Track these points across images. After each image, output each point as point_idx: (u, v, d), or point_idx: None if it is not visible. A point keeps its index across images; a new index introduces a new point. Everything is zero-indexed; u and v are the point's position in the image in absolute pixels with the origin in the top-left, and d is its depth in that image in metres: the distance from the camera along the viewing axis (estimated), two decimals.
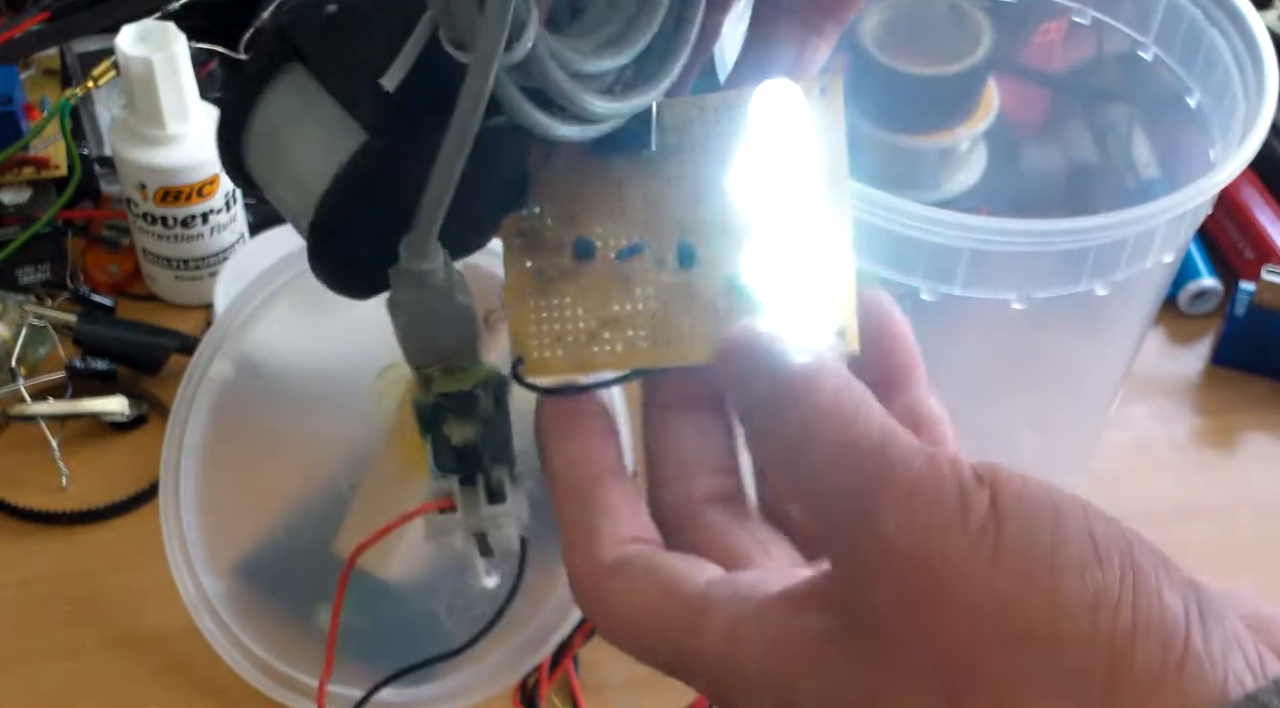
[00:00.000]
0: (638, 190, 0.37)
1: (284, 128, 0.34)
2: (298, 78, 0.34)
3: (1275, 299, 0.74)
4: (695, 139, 0.37)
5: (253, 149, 0.35)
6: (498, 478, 0.40)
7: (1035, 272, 0.54)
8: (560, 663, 0.61)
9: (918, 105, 0.68)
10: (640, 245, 0.37)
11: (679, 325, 0.37)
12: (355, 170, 0.33)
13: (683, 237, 0.37)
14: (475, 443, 0.39)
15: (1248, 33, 0.57)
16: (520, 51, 0.31)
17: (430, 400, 0.38)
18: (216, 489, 0.60)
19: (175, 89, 0.70)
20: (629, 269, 0.37)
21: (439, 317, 0.36)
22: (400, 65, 0.32)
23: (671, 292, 0.37)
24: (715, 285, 0.37)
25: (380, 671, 0.59)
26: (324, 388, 0.61)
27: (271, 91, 0.34)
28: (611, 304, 0.37)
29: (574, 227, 0.38)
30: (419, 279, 0.35)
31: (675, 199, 0.37)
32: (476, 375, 0.38)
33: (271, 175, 0.35)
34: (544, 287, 0.38)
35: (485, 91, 0.31)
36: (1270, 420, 0.75)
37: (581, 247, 0.37)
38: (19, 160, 0.77)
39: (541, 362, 0.38)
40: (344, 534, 0.60)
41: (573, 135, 0.34)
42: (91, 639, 0.65)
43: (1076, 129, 0.73)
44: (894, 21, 0.68)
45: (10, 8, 0.83)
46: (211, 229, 0.75)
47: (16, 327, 0.73)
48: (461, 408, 0.38)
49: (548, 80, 0.32)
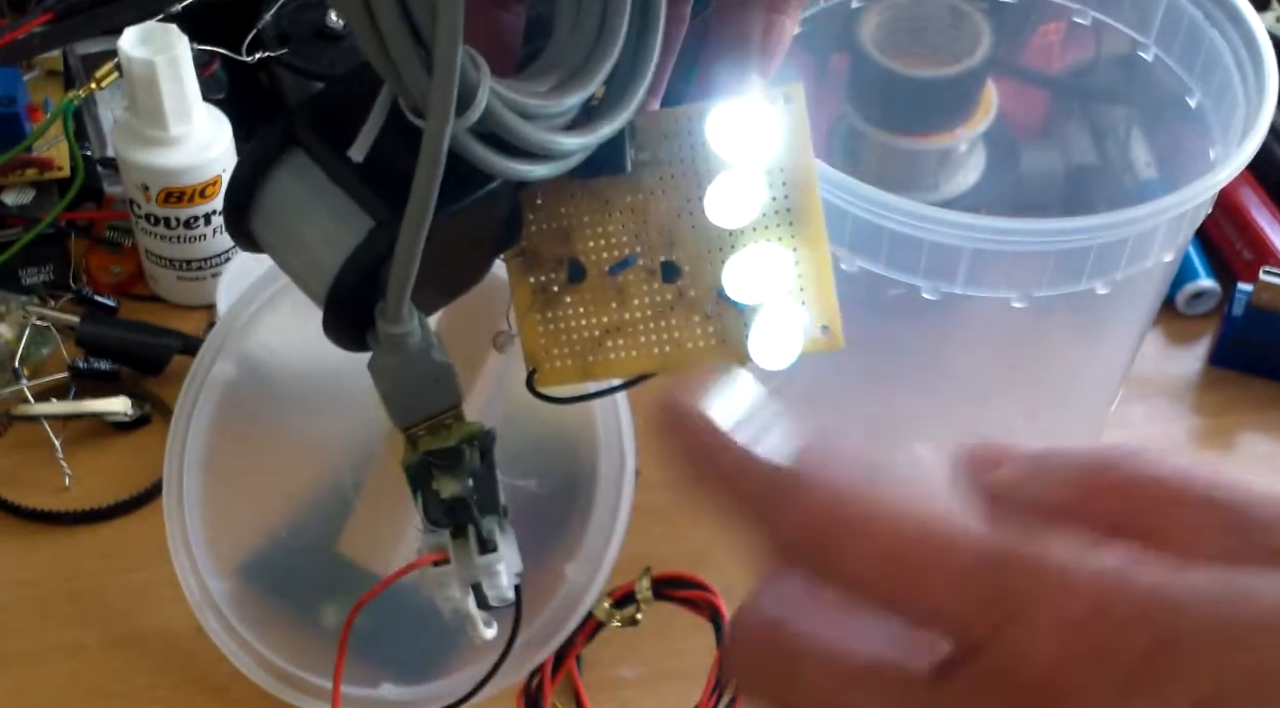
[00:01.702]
0: (622, 206, 0.39)
1: (292, 211, 0.36)
2: (299, 163, 0.36)
3: (1273, 300, 0.74)
4: (672, 152, 0.38)
5: (260, 224, 0.37)
6: (488, 528, 0.41)
7: (1036, 271, 0.54)
8: (564, 663, 0.61)
9: (917, 107, 0.68)
10: (630, 259, 0.39)
11: (675, 331, 0.38)
12: (364, 254, 0.35)
13: (665, 255, 0.39)
14: (464, 496, 0.40)
15: (1248, 33, 0.58)
16: (476, 111, 0.32)
17: (417, 459, 0.39)
18: (219, 489, 0.61)
19: (178, 91, 0.71)
20: (623, 281, 0.39)
21: (419, 377, 0.38)
22: (365, 138, 0.34)
23: (663, 300, 0.38)
24: (702, 292, 0.38)
25: (383, 669, 0.59)
26: (327, 387, 0.61)
27: (275, 178, 0.36)
28: (611, 314, 0.39)
29: (567, 244, 0.39)
30: (396, 343, 0.36)
31: (658, 212, 0.38)
32: (461, 432, 0.40)
33: (282, 248, 0.37)
34: (547, 300, 0.39)
35: (441, 154, 0.32)
36: (1268, 421, 0.76)
37: (573, 268, 0.39)
38: (22, 161, 0.77)
39: (553, 371, 0.39)
40: (348, 533, 0.60)
41: (550, 173, 0.36)
42: (94, 639, 0.65)
43: (1075, 130, 0.74)
44: (893, 23, 0.68)
45: (13, 9, 0.83)
46: (214, 230, 0.75)
47: (19, 327, 0.74)
48: (448, 464, 0.40)
49: (510, 131, 0.34)
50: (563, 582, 0.60)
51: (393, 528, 0.59)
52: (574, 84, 0.35)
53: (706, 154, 0.38)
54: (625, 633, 0.61)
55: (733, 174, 0.38)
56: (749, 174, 0.38)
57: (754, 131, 0.38)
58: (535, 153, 0.35)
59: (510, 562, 0.42)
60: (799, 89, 0.38)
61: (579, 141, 0.36)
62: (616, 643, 0.64)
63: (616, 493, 0.59)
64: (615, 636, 0.62)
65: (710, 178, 0.38)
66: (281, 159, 0.36)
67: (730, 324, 0.38)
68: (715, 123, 0.38)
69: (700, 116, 0.38)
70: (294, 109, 0.36)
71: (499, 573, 0.42)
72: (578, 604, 0.60)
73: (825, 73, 0.68)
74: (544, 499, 0.59)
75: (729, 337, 0.38)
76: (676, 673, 0.61)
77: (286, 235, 0.37)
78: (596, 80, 0.36)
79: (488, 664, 0.60)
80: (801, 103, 0.38)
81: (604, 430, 0.59)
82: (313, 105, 0.36)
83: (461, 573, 0.42)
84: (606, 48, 0.36)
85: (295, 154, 0.36)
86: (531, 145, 0.34)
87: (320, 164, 0.36)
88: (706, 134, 0.38)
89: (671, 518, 0.69)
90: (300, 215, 0.36)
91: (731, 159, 0.38)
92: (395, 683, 0.60)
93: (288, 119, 0.36)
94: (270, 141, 0.36)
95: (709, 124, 0.38)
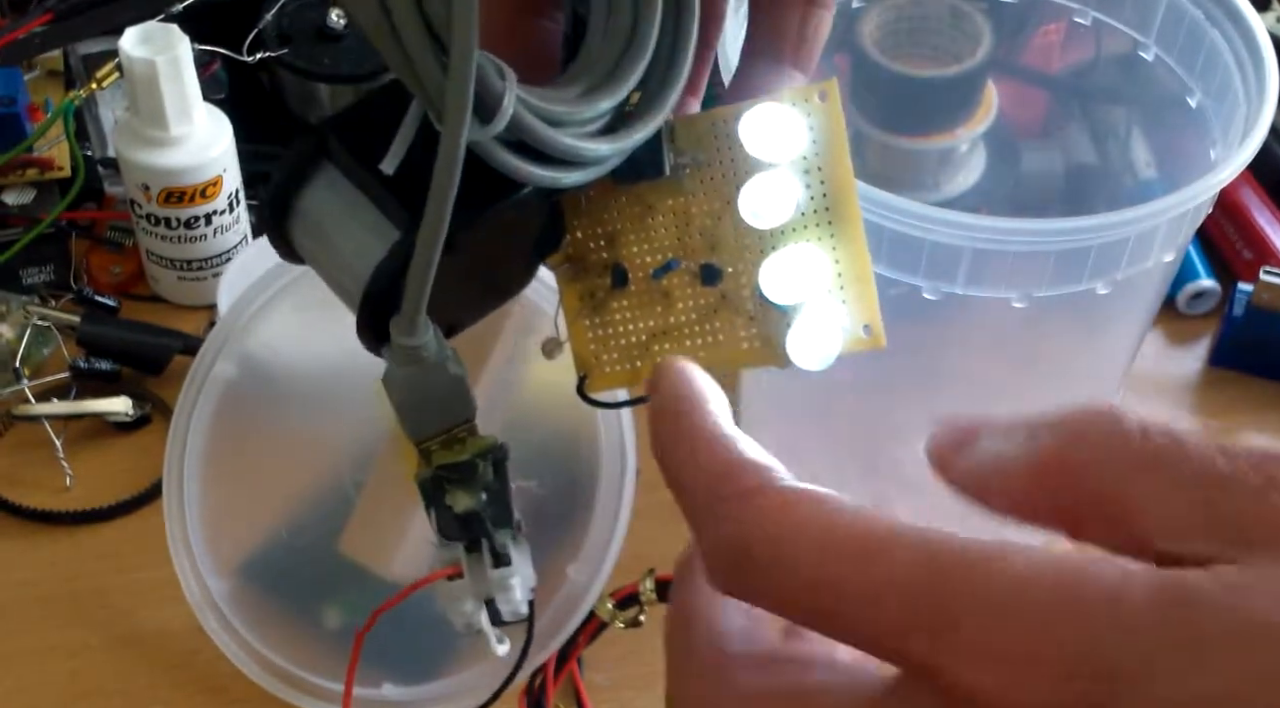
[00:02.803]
0: (664, 210, 0.39)
1: (325, 222, 0.37)
2: (330, 176, 0.36)
3: (1273, 300, 0.74)
4: (711, 154, 0.38)
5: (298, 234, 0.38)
6: (501, 541, 0.41)
7: (1037, 271, 0.54)
8: (565, 663, 0.61)
9: (917, 107, 0.68)
10: (674, 263, 0.39)
11: (719, 334, 0.39)
12: (393, 262, 0.35)
13: (706, 258, 0.39)
14: (477, 511, 0.40)
15: (1248, 34, 0.58)
16: (502, 120, 0.32)
17: (430, 473, 0.39)
18: (220, 489, 0.61)
19: (178, 91, 0.71)
20: (667, 285, 0.39)
21: (433, 390, 0.38)
22: (397, 150, 0.34)
23: (707, 304, 0.39)
24: (745, 293, 0.38)
25: (385, 668, 0.59)
26: (327, 387, 0.61)
27: (308, 192, 0.37)
28: (657, 318, 0.39)
29: (613, 249, 0.39)
30: (410, 355, 0.37)
31: (699, 215, 0.38)
32: (476, 446, 0.40)
33: (319, 257, 0.38)
34: (595, 306, 0.39)
35: (457, 161, 0.32)
36: (1268, 421, 0.76)
37: (616, 273, 0.39)
38: (23, 161, 0.77)
39: (602, 377, 0.40)
40: (348, 533, 0.60)
41: (583, 180, 0.36)
42: (95, 639, 0.65)
43: (1075, 130, 0.74)
44: (894, 23, 0.68)
45: (14, 9, 0.83)
46: (215, 230, 0.75)
47: (20, 327, 0.74)
48: (462, 478, 0.40)
49: (538, 139, 0.34)
50: (564, 582, 0.60)
51: (394, 528, 0.59)
52: (605, 90, 0.35)
53: (744, 155, 0.38)
54: (627, 634, 0.61)
55: (769, 174, 0.38)
56: (785, 173, 0.38)
57: (789, 130, 0.38)
58: (566, 159, 0.35)
59: (524, 576, 0.42)
60: (833, 85, 0.38)
61: (612, 147, 0.36)
62: (619, 644, 0.64)
63: (618, 493, 0.59)
64: (618, 636, 0.62)
65: (749, 178, 0.38)
66: (315, 171, 0.37)
67: (774, 326, 0.38)
68: (749, 123, 0.38)
69: (737, 117, 0.38)
70: (326, 121, 0.37)
71: (513, 587, 0.42)
72: (579, 605, 0.60)
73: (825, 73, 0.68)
74: (546, 500, 0.60)
75: (772, 338, 0.38)
76: None
77: (322, 246, 0.37)
78: (628, 86, 0.36)
79: (489, 664, 0.60)
80: (836, 99, 0.38)
81: (606, 431, 0.59)
82: (345, 118, 0.37)
83: (475, 588, 0.42)
84: (638, 53, 0.36)
85: (326, 167, 0.37)
86: (561, 152, 0.34)
87: (350, 177, 0.36)
88: (740, 134, 0.38)
89: (674, 518, 0.69)
90: (334, 227, 0.36)
91: (768, 158, 0.38)
92: (397, 683, 0.60)
93: (320, 131, 0.36)
94: (303, 154, 0.36)
95: (742, 124, 0.38)
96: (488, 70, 0.32)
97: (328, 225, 0.37)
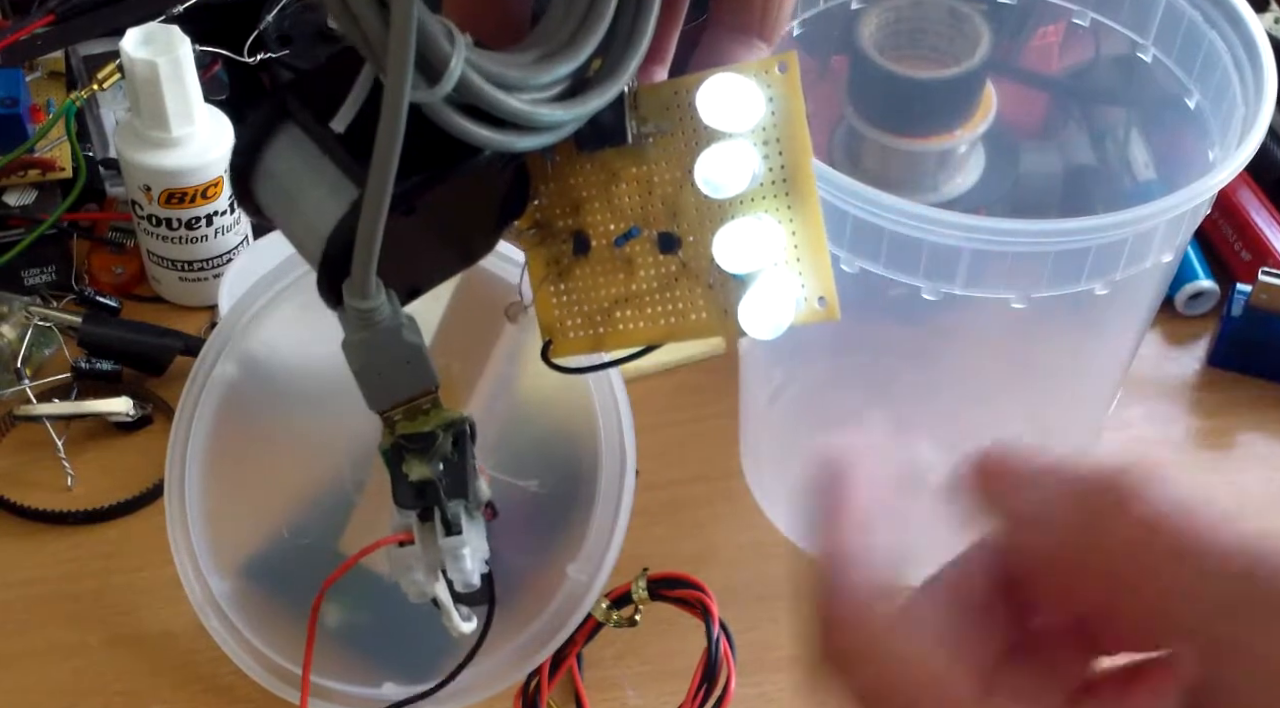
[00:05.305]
0: (628, 177, 0.39)
1: (287, 180, 0.37)
2: (293, 135, 0.37)
3: (1271, 301, 0.75)
4: (674, 122, 0.38)
5: (262, 192, 0.38)
6: (454, 512, 0.41)
7: (1035, 271, 0.54)
8: (563, 663, 0.61)
9: (916, 108, 0.69)
10: (635, 231, 0.39)
11: (679, 302, 0.39)
12: (354, 217, 0.35)
13: (665, 226, 0.38)
14: (432, 479, 0.40)
15: (1247, 35, 0.58)
16: (449, 81, 0.32)
17: (391, 442, 0.40)
18: (221, 489, 0.61)
19: (180, 92, 0.71)
20: (629, 253, 0.39)
21: (389, 356, 0.38)
22: (348, 109, 0.34)
23: (668, 272, 0.39)
24: (704, 262, 0.38)
25: (383, 666, 0.59)
26: (328, 387, 0.60)
27: (271, 152, 0.37)
28: (619, 285, 0.39)
29: (577, 216, 0.39)
30: (363, 318, 0.37)
31: (661, 183, 0.38)
32: (439, 418, 0.40)
33: (282, 215, 0.38)
34: (560, 272, 0.39)
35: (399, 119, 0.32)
36: (1266, 421, 0.76)
37: (578, 240, 0.39)
38: (24, 162, 0.77)
39: (566, 343, 0.40)
40: (350, 533, 0.60)
41: (538, 144, 0.36)
42: (96, 639, 0.65)
43: (1074, 131, 0.74)
44: (893, 24, 0.68)
45: (15, 11, 0.83)
46: (216, 231, 0.75)
47: (22, 328, 0.74)
48: (420, 447, 0.40)
49: (486, 101, 0.34)
50: (564, 581, 0.60)
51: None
52: (562, 56, 0.35)
53: (703, 124, 0.38)
54: (625, 633, 0.62)
55: (726, 144, 0.38)
56: (743, 144, 0.38)
57: (747, 100, 0.38)
58: (520, 123, 0.35)
59: (476, 548, 0.42)
60: (792, 57, 0.38)
61: (568, 113, 0.36)
62: (616, 643, 0.64)
63: (618, 493, 0.59)
64: (615, 635, 0.62)
65: (709, 148, 0.38)
66: (277, 130, 0.37)
67: (731, 295, 0.38)
68: (708, 92, 0.38)
69: (697, 86, 0.38)
70: (288, 83, 0.37)
71: (463, 557, 0.42)
72: (579, 604, 0.60)
73: (825, 74, 0.69)
74: (545, 499, 0.60)
75: (730, 308, 0.38)
76: (676, 673, 0.61)
77: (284, 203, 0.37)
78: (585, 52, 0.36)
79: (490, 664, 0.60)
80: (795, 71, 0.38)
81: (605, 430, 0.59)
82: (307, 79, 0.37)
83: (426, 556, 0.42)
84: (596, 20, 0.35)
85: (290, 127, 0.37)
86: (512, 115, 0.34)
87: (311, 135, 0.36)
88: (698, 104, 0.38)
89: (673, 518, 0.69)
90: (295, 184, 0.37)
91: (726, 128, 0.38)
92: (397, 683, 0.60)
93: (281, 92, 0.37)
94: (266, 114, 0.37)
95: (701, 93, 0.38)
96: (435, 32, 0.32)
97: (289, 184, 0.37)
